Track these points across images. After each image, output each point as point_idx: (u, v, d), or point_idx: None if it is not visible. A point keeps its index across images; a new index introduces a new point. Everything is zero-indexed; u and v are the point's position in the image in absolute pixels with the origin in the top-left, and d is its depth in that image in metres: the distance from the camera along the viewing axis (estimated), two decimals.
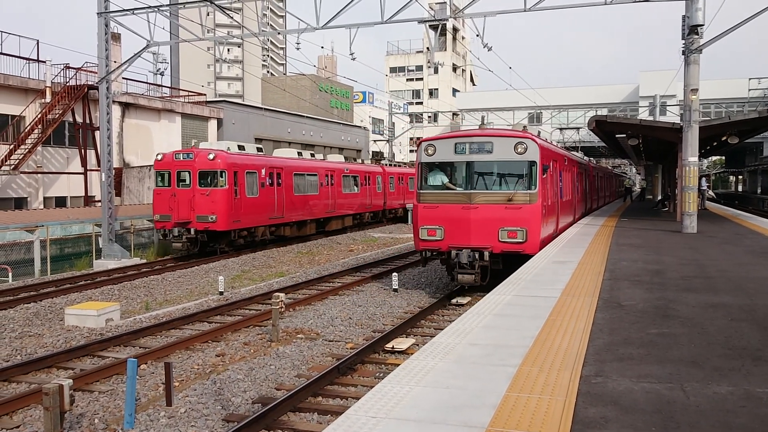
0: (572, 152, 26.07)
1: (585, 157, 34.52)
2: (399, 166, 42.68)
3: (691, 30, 17.20)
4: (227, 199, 21.22)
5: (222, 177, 21.23)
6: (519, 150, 13.60)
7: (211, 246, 21.99)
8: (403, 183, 41.12)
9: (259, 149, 25.38)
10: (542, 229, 13.88)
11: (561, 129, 51.58)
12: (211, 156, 21.25)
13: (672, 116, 45.29)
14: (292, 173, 25.80)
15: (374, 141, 46.58)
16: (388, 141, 52.33)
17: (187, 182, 21.44)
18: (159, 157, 22.18)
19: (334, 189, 29.86)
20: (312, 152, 30.22)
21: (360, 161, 38.36)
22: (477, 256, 13.37)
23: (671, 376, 5.12)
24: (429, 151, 14.23)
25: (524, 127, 16.78)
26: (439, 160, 14.15)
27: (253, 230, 23.20)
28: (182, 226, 21.08)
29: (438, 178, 14.18)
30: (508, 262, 13.34)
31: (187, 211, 21.16)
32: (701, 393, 4.74)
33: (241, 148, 23.74)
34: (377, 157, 42.95)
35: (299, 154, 28.60)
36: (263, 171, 23.45)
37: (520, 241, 13.36)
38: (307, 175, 27.24)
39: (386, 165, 39.56)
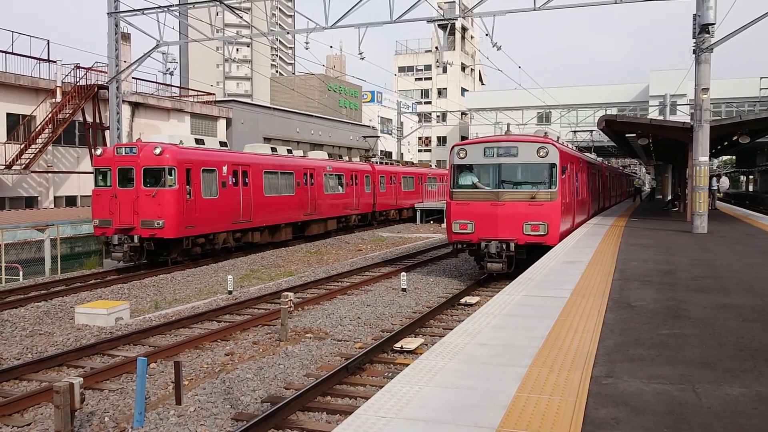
0: (586, 154, 27.36)
1: (598, 158, 36.38)
2: (391, 164, 39.94)
3: (702, 29, 17.09)
4: (177, 200, 18.36)
5: (171, 175, 18.38)
6: (541, 154, 15.31)
7: (165, 255, 19.32)
8: (396, 182, 38.17)
9: (223, 143, 22.67)
10: (561, 223, 15.63)
11: (575, 132, 51.61)
12: (157, 150, 18.35)
13: (682, 116, 45.04)
14: (261, 171, 22.96)
15: (365, 137, 43.93)
16: (376, 137, 50.22)
17: (131, 182, 18.63)
18: (98, 152, 19.59)
19: (314, 189, 26.99)
20: (290, 148, 27.39)
21: (347, 159, 35.55)
22: (504, 247, 15.14)
23: (683, 377, 5.09)
24: (461, 155, 15.92)
25: (545, 133, 18.75)
26: (470, 163, 15.86)
27: (212, 237, 20.30)
28: (124, 233, 18.37)
29: (468, 179, 15.92)
30: (531, 253, 15.10)
31: (130, 215, 18.36)
32: (713, 394, 4.70)
33: (199, 142, 21.18)
34: (367, 154, 40.10)
35: (273, 150, 25.78)
36: (225, 168, 20.67)
37: (542, 234, 15.09)
38: (281, 173, 24.41)
39: (377, 163, 36.60)
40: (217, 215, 20.21)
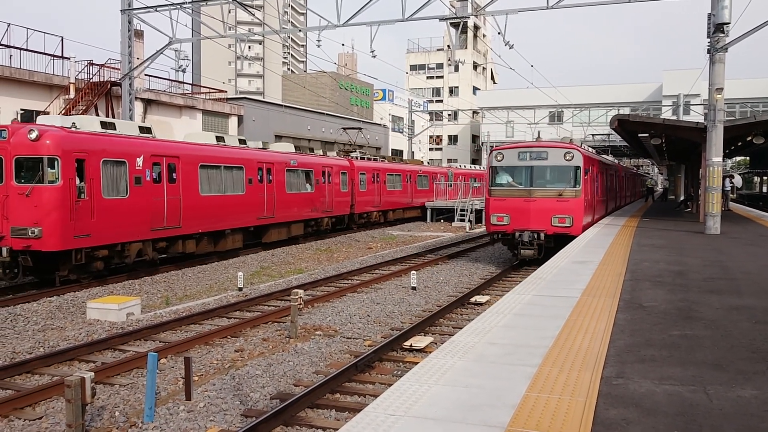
0: (603, 156, 29.57)
1: (614, 160, 39.23)
2: (375, 159, 35.33)
3: (717, 28, 16.96)
4: (61, 201, 14.24)
5: (53, 167, 14.20)
6: (567, 158, 17.81)
7: (52, 273, 15.05)
8: (379, 181, 33.08)
9: (145, 129, 18.17)
10: (584, 217, 18.09)
11: (593, 135, 51.82)
12: (33, 135, 14.10)
13: (696, 116, 44.71)
14: (197, 164, 18.68)
15: (344, 129, 39.60)
16: (358, 129, 45.46)
17: None
18: None
19: (273, 187, 22.79)
20: (243, 138, 23.54)
21: (321, 153, 30.75)
22: (535, 236, 17.63)
23: (694, 379, 5.06)
24: (498, 158, 18.42)
25: (570, 140, 21.07)
26: (506, 165, 18.32)
27: (121, 248, 16.08)
28: None
29: (504, 178, 18.36)
30: (557, 241, 17.36)
31: None
32: (725, 396, 4.67)
33: (107, 126, 16.67)
34: (346, 148, 35.55)
35: (220, 139, 21.35)
36: (140, 160, 16.34)
37: (568, 225, 17.54)
38: (227, 168, 20.15)
39: (357, 158, 32.43)
40: (128, 220, 15.93)
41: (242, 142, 22.79)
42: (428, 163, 58.05)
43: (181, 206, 17.96)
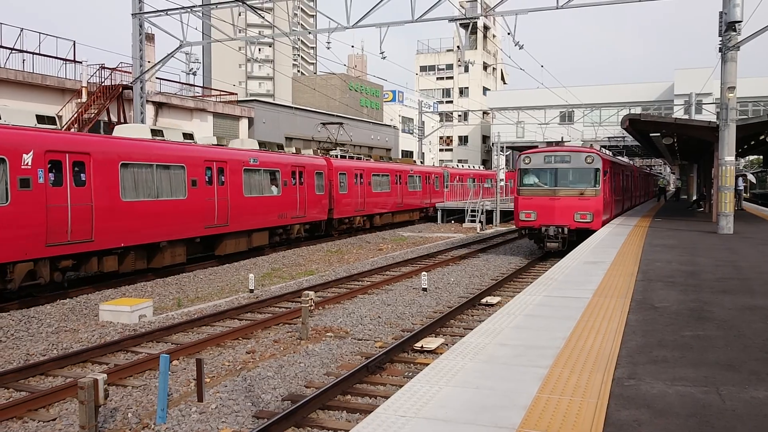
0: (619, 158, 32.52)
1: (629, 161, 42.31)
2: (359, 158, 32.29)
3: (729, 26, 16.85)
4: None
5: None
6: (588, 161, 19.76)
7: None
8: (363, 183, 29.92)
9: (46, 119, 15.83)
10: (603, 213, 20.06)
11: (609, 138, 52.12)
12: None
13: (708, 115, 44.41)
14: (116, 163, 15.56)
15: (323, 125, 35.96)
16: (338, 124, 39.71)
17: None
18: None
19: (226, 190, 19.42)
20: (191, 133, 20.60)
21: (295, 150, 26.27)
22: (560, 230, 19.64)
23: (706, 380, 5.03)
24: (526, 161, 20.51)
25: (591, 144, 25.55)
26: (533, 167, 20.32)
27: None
28: None
29: (532, 179, 20.33)
30: (579, 235, 19.28)
31: None
32: (738, 397, 4.64)
33: None
34: (324, 146, 31.60)
35: (156, 133, 18.37)
36: (27, 157, 13.18)
37: (589, 221, 19.43)
38: (161, 167, 17.02)
39: (337, 157, 29.22)
40: (5, 234, 12.67)
41: (188, 136, 19.71)
42: (440, 164, 57.83)
43: (93, 214, 14.70)
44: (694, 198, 38.48)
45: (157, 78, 31.29)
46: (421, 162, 49.46)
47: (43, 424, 7.16)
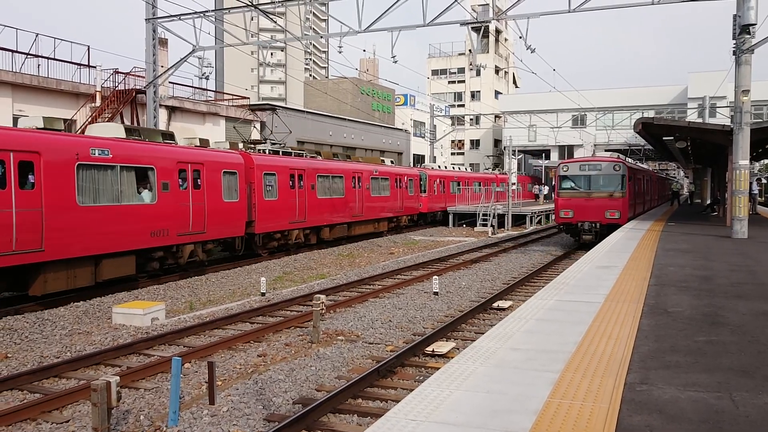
0: (639, 165, 36.85)
1: (648, 167, 46.05)
2: (301, 155, 25.29)
3: (743, 29, 16.74)
4: None
5: None
6: (616, 168, 23.94)
7: None
8: (302, 185, 23.58)
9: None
10: (628, 212, 24.31)
11: (629, 146, 52.59)
12: None
13: (722, 118, 44.07)
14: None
15: (251, 110, 32.33)
16: (272, 110, 36.18)
17: None
18: None
19: (39, 197, 13.30)
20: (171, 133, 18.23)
21: (194, 143, 19.55)
22: (593, 225, 23.62)
23: (720, 385, 4.99)
24: (564, 169, 24.63)
25: (618, 155, 28.68)
26: (570, 174, 24.37)
27: None
28: None
29: (569, 184, 24.35)
30: (608, 229, 22.58)
31: None
32: (751, 403, 4.60)
33: None
34: (247, 139, 25.51)
35: (131, 132, 16.75)
36: None
37: (617, 217, 23.45)
38: None
39: (264, 152, 23.04)
40: None
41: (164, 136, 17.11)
42: (453, 167, 57.60)
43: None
44: (708, 202, 38.22)
45: (170, 82, 31.51)
46: (423, 165, 46.47)
47: (56, 426, 7.21)
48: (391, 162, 35.67)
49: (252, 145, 23.92)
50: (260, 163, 21.43)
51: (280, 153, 24.00)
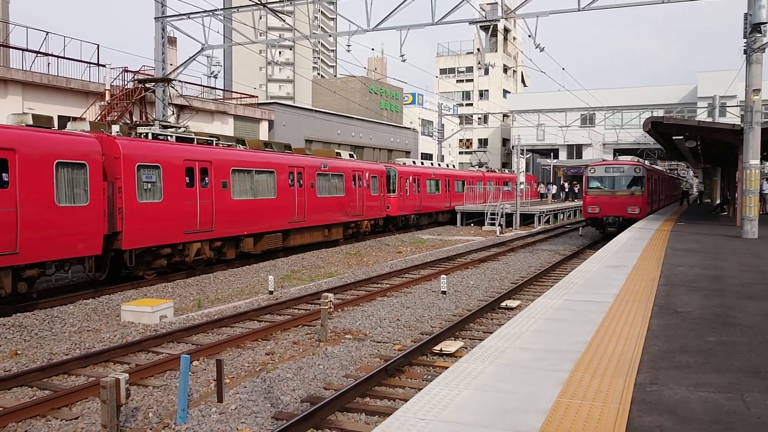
0: (655, 167, 41.36)
1: (663, 169, 49.97)
2: (211, 143, 19.34)
3: (754, 28, 16.63)
4: None
5: None
6: (636, 171, 27.37)
7: None
8: (207, 183, 18.01)
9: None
10: (647, 208, 27.80)
11: (645, 151, 52.96)
12: None
13: (732, 117, 43.80)
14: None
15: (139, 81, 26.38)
16: (169, 82, 36.97)
17: None
18: None
19: None
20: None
21: (25, 121, 14.07)
22: (617, 219, 26.94)
23: (731, 386, 4.95)
24: (591, 171, 28.09)
25: (638, 159, 30.50)
26: (597, 175, 27.79)
27: None
28: None
29: (596, 183, 27.70)
30: (629, 222, 25.81)
31: None
32: (763, 404, 4.56)
33: None
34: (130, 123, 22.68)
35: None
36: None
37: (637, 213, 26.75)
38: None
39: (147, 137, 17.35)
40: None
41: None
42: (461, 166, 57.30)
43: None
44: (718, 202, 38.02)
45: (179, 81, 31.58)
46: (436, 164, 41.47)
47: (65, 423, 7.24)
48: (351, 156, 29.23)
49: (133, 129, 18.07)
50: (131, 153, 15.80)
51: (171, 138, 18.04)
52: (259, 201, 20.50)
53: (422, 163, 38.89)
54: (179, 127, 19.39)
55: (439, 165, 41.31)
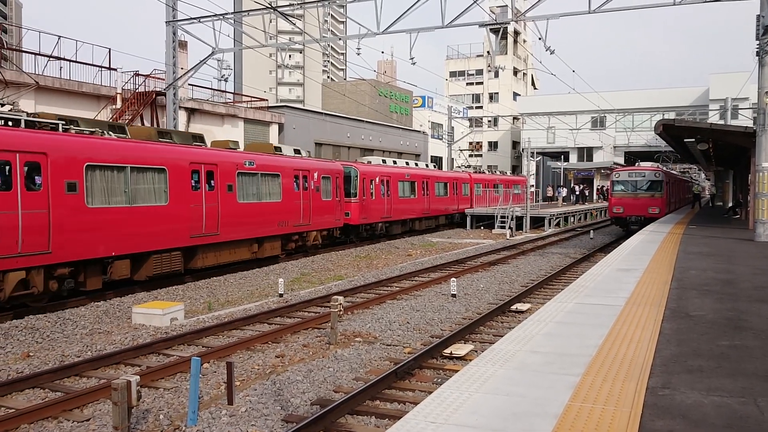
0: (672, 172, 45.40)
1: (678, 173, 54.93)
2: (38, 126, 13.48)
3: (766, 30, 16.52)
4: None
5: None
6: (656, 176, 30.76)
7: None
8: (38, 185, 12.69)
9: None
10: (666, 208, 31.06)
11: (660, 155, 53.66)
12: None
13: (744, 120, 43.52)
14: None
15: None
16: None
17: None
18: None
19: None
20: None
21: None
22: (639, 218, 29.71)
23: (744, 390, 4.91)
24: (616, 176, 31.52)
25: (658, 165, 34.31)
26: (621, 179, 31.06)
27: None
28: None
29: (620, 187, 30.93)
30: (650, 221, 28.28)
31: None
32: None
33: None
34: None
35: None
36: None
37: (657, 212, 29.84)
38: None
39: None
40: None
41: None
42: (473, 170, 57.04)
43: None
44: (730, 205, 37.78)
45: (189, 84, 31.76)
46: (357, 159, 36.75)
47: (77, 424, 7.28)
48: (297, 151, 23.85)
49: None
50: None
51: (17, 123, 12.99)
52: (138, 209, 15.31)
53: (394, 162, 33.52)
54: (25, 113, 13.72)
55: (416, 165, 36.24)
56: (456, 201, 38.60)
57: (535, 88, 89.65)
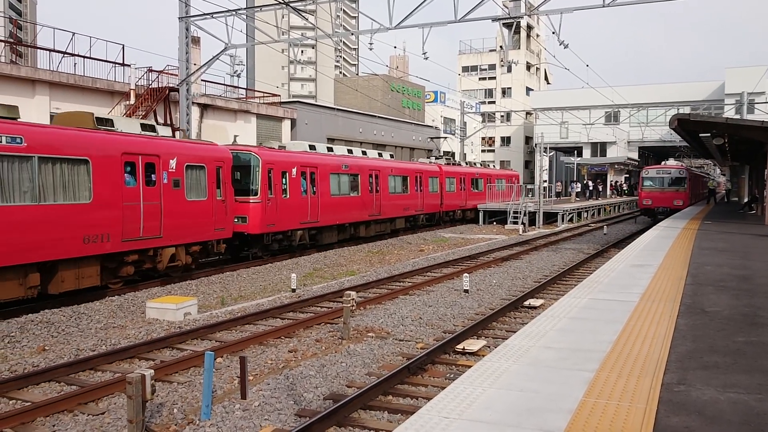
0: (693, 169, 51.74)
1: (699, 171, 60.65)
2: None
3: None
4: None
5: None
6: (681, 173, 36.17)
7: None
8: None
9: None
10: (689, 200, 36.42)
11: (664, 143, 53.98)
12: None
13: (761, 114, 43.05)
14: None
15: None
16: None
17: None
18: None
19: None
20: None
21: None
22: (666, 209, 34.43)
23: (761, 387, 4.86)
24: (646, 173, 36.82)
25: (681, 163, 41.13)
26: (650, 176, 36.38)
27: None
28: None
29: (649, 183, 36.22)
30: (674, 211, 32.71)
31: None
32: None
33: None
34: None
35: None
36: None
37: (681, 204, 35.00)
38: None
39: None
40: None
41: None
42: (490, 166, 56.69)
43: None
44: (746, 200, 37.46)
45: (202, 80, 31.86)
46: (261, 143, 26.38)
47: (92, 418, 7.34)
48: (146, 127, 16.42)
49: None
50: None
51: None
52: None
53: (329, 150, 25.83)
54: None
55: (364, 153, 28.30)
56: (420, 199, 31.60)
57: (548, 83, 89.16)
